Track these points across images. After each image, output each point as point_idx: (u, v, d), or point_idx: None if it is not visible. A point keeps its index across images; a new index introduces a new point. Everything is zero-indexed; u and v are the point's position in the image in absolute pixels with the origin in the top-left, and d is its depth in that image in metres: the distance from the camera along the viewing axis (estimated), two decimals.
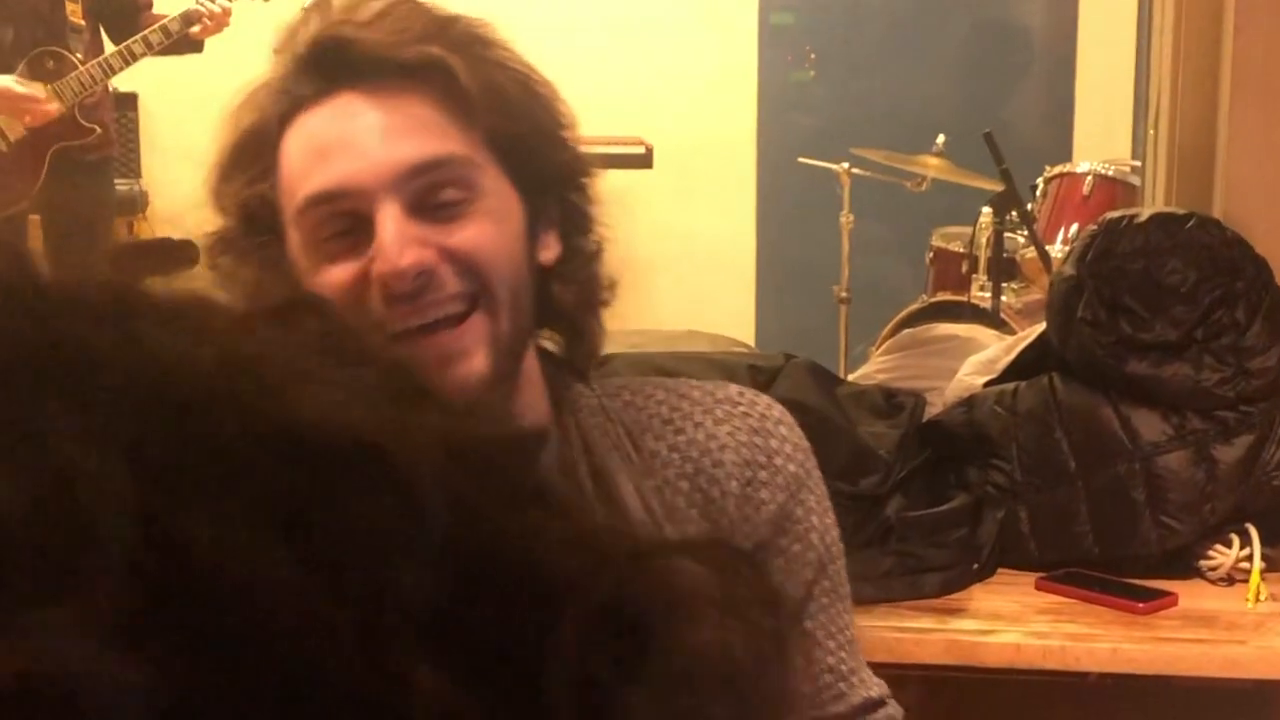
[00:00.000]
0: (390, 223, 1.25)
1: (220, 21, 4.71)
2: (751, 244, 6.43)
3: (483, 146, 1.30)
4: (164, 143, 6.24)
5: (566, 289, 1.39)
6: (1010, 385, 2.63)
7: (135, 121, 6.27)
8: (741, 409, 1.42)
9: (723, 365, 2.66)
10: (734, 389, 1.45)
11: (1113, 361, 2.51)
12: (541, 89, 1.35)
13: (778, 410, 1.45)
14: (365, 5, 1.30)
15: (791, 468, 1.41)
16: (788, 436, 1.43)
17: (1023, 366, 2.69)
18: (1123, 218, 2.57)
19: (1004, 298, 4.66)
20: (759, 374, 2.63)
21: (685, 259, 6.35)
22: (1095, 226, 2.59)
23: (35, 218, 4.89)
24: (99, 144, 4.86)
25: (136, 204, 6.07)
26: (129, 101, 6.15)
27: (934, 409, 2.74)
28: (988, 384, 2.69)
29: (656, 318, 6.36)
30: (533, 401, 1.38)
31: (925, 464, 2.60)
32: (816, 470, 1.45)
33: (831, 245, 5.43)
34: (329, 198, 1.28)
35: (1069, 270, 2.58)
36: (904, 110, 6.32)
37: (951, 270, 5.25)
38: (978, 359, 2.80)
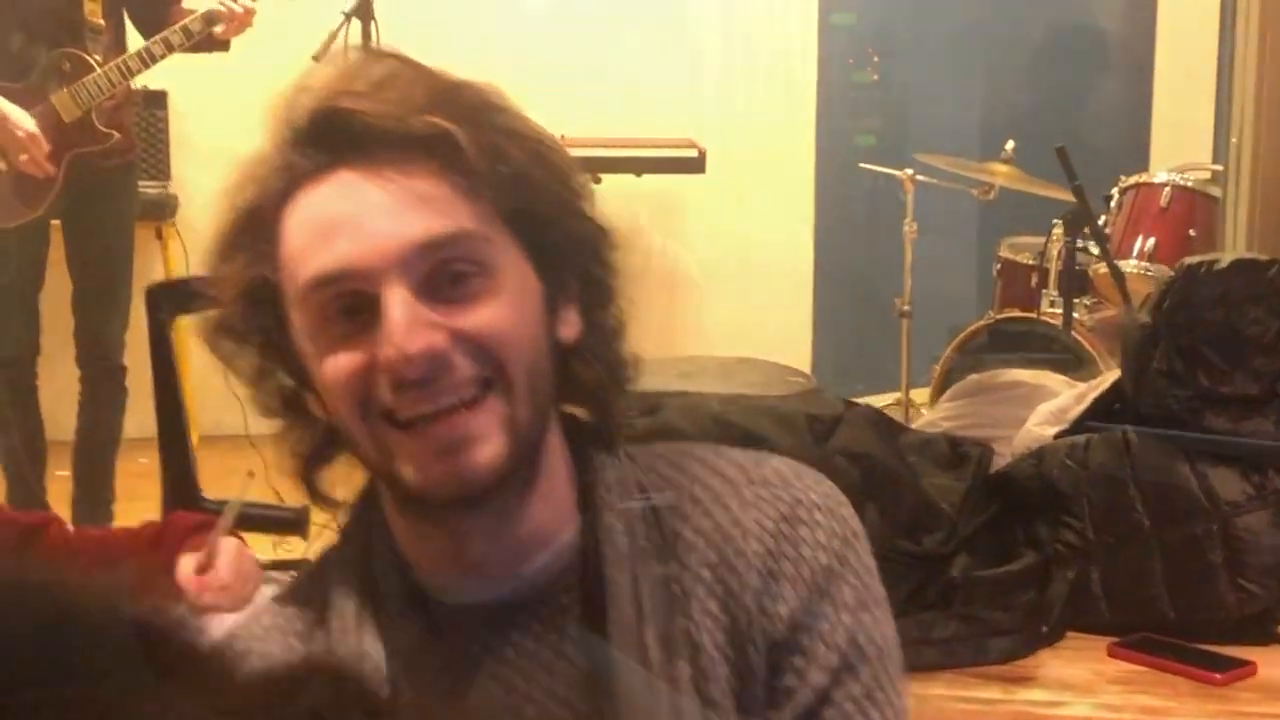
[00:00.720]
0: (398, 306, 1.24)
1: (243, 21, 4.74)
2: (809, 253, 6.43)
3: (495, 220, 1.28)
4: (195, 143, 6.21)
5: (588, 368, 1.37)
6: (1082, 437, 2.65)
7: (164, 121, 6.20)
8: (774, 490, 1.37)
9: (780, 415, 2.69)
10: (773, 466, 1.39)
11: (1189, 416, 2.53)
12: (555, 157, 1.34)
13: (817, 494, 1.38)
14: (364, 73, 1.28)
15: (823, 559, 1.34)
16: (822, 523, 1.35)
17: (1095, 417, 2.71)
18: (1201, 263, 2.59)
19: (1074, 314, 4.66)
20: (818, 423, 2.67)
21: (740, 266, 6.36)
22: (1173, 273, 2.61)
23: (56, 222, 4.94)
24: (119, 150, 4.88)
25: (165, 208, 6.02)
26: (158, 100, 6.10)
27: (1001, 460, 2.76)
28: (1059, 435, 2.71)
29: (710, 326, 6.39)
30: (553, 487, 1.36)
31: (992, 520, 2.63)
32: (860, 559, 1.37)
33: (893, 255, 5.45)
34: (333, 279, 1.26)
35: (1144, 318, 2.60)
36: (971, 115, 6.32)
37: (1020, 284, 5.26)
38: (1047, 408, 2.82)
